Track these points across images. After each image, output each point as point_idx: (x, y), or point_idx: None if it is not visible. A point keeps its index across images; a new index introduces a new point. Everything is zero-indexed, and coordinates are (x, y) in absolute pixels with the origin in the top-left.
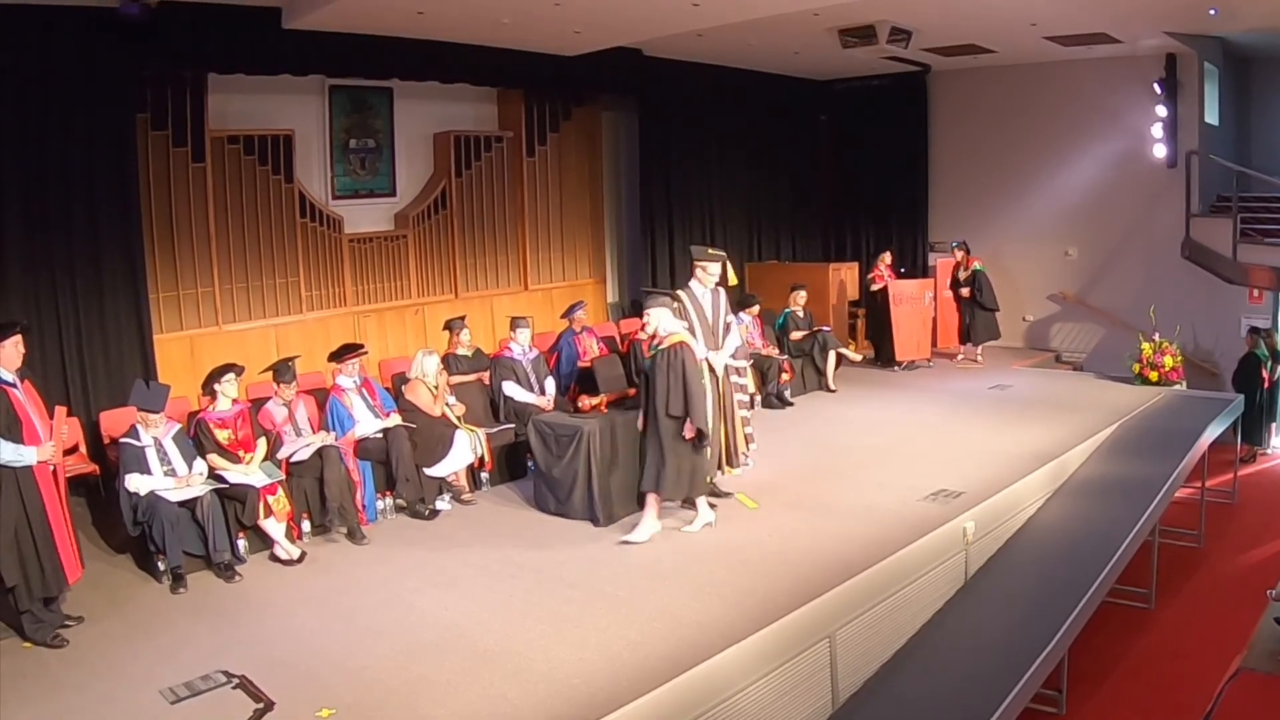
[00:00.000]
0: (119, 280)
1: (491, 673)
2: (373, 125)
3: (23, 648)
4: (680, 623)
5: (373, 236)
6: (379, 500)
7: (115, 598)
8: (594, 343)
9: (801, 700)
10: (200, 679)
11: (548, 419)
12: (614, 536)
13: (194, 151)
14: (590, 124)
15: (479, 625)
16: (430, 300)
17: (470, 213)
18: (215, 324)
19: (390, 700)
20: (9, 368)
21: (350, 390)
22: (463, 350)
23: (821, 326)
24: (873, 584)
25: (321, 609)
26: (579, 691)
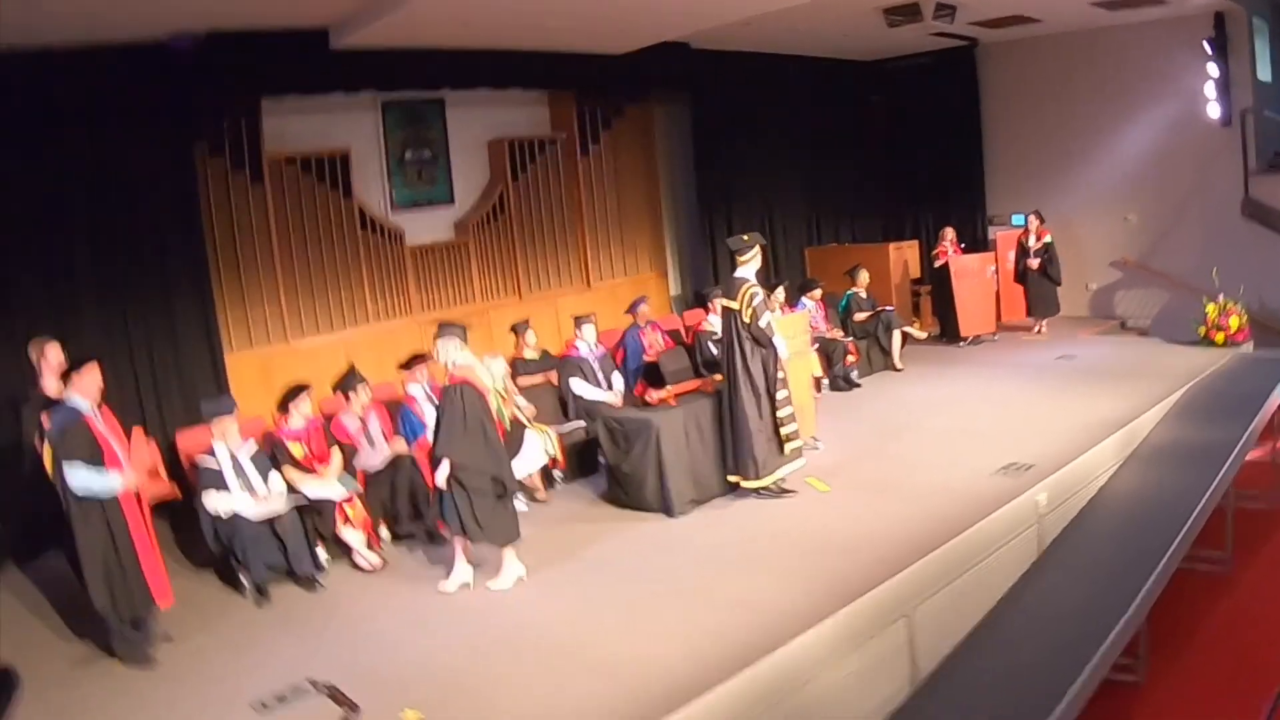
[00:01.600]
0: (188, 303)
1: (572, 668)
2: (427, 136)
3: (114, 668)
4: (757, 609)
5: (434, 245)
6: None
7: (201, 614)
8: (658, 336)
9: (881, 680)
10: (288, 688)
11: (616, 414)
12: (687, 527)
13: (253, 174)
14: (643, 120)
15: (558, 621)
16: (494, 304)
17: (529, 215)
18: (285, 340)
19: (473, 700)
20: (89, 397)
21: (421, 398)
22: (529, 352)
23: (885, 307)
24: (948, 561)
25: (403, 613)
26: (659, 683)
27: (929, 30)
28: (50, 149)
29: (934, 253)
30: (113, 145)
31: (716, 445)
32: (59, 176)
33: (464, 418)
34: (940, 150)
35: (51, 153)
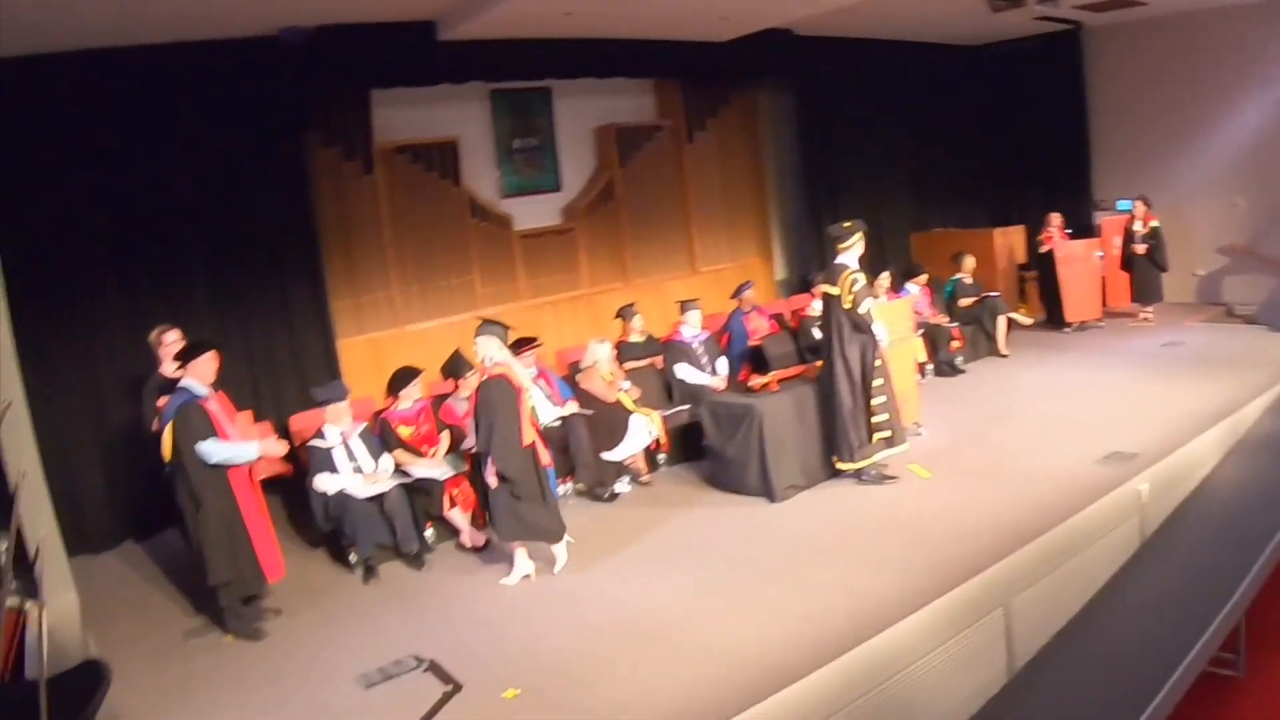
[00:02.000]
0: (301, 290)
1: (672, 651)
2: (535, 124)
3: (224, 640)
4: (855, 595)
5: (542, 231)
6: (560, 485)
7: (310, 590)
8: (763, 321)
9: (978, 669)
10: (392, 664)
11: (720, 399)
12: (788, 512)
13: (364, 164)
14: (748, 107)
15: (659, 604)
16: (601, 289)
17: (635, 201)
18: (395, 326)
19: (573, 681)
20: (203, 382)
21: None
22: (635, 337)
23: (990, 292)
24: (1048, 550)
25: (508, 592)
26: (758, 666)
27: (1033, 15)
28: (166, 142)
29: (1039, 238)
30: (227, 138)
31: (818, 430)
32: (175, 168)
33: (499, 413)
34: (1045, 135)
35: (167, 145)
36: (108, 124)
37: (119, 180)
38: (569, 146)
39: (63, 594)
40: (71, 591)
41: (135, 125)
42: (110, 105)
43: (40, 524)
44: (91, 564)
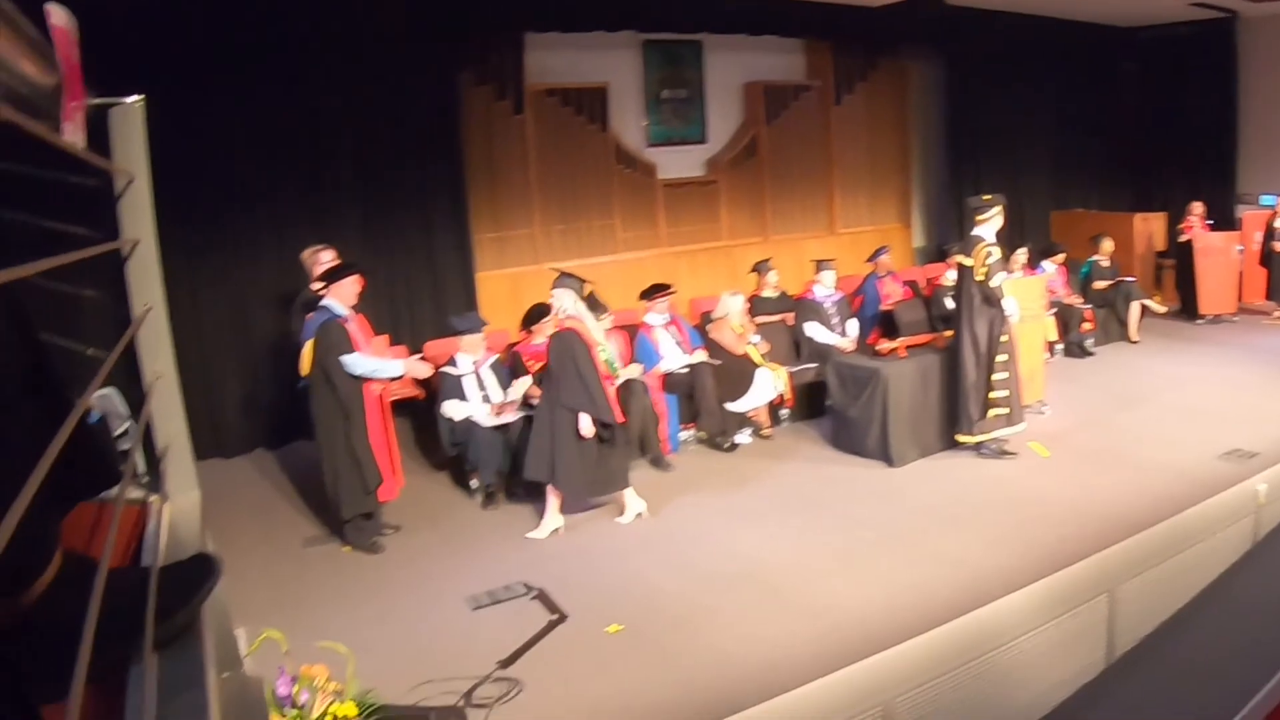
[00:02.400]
0: (446, 222)
1: (776, 604)
2: (685, 76)
3: (342, 551)
4: (962, 567)
5: (685, 181)
6: (682, 432)
7: (430, 511)
8: (897, 287)
9: (1075, 653)
10: (502, 589)
11: (848, 360)
12: (904, 478)
13: (515, 104)
14: (897, 73)
15: (768, 557)
16: (739, 243)
17: (779, 159)
18: (534, 262)
19: (676, 624)
20: (345, 303)
21: (659, 327)
22: (769, 291)
23: (1126, 277)
24: (1159, 541)
25: (621, 531)
26: (860, 627)
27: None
28: (324, 71)
29: (1180, 227)
30: (383, 71)
31: (941, 400)
32: (331, 98)
33: (580, 363)
34: (1193, 123)
35: (325, 75)
36: (271, 52)
37: (276, 106)
38: (717, 100)
39: (186, 492)
40: (195, 491)
41: (296, 54)
42: (274, 34)
43: (171, 424)
44: (222, 467)
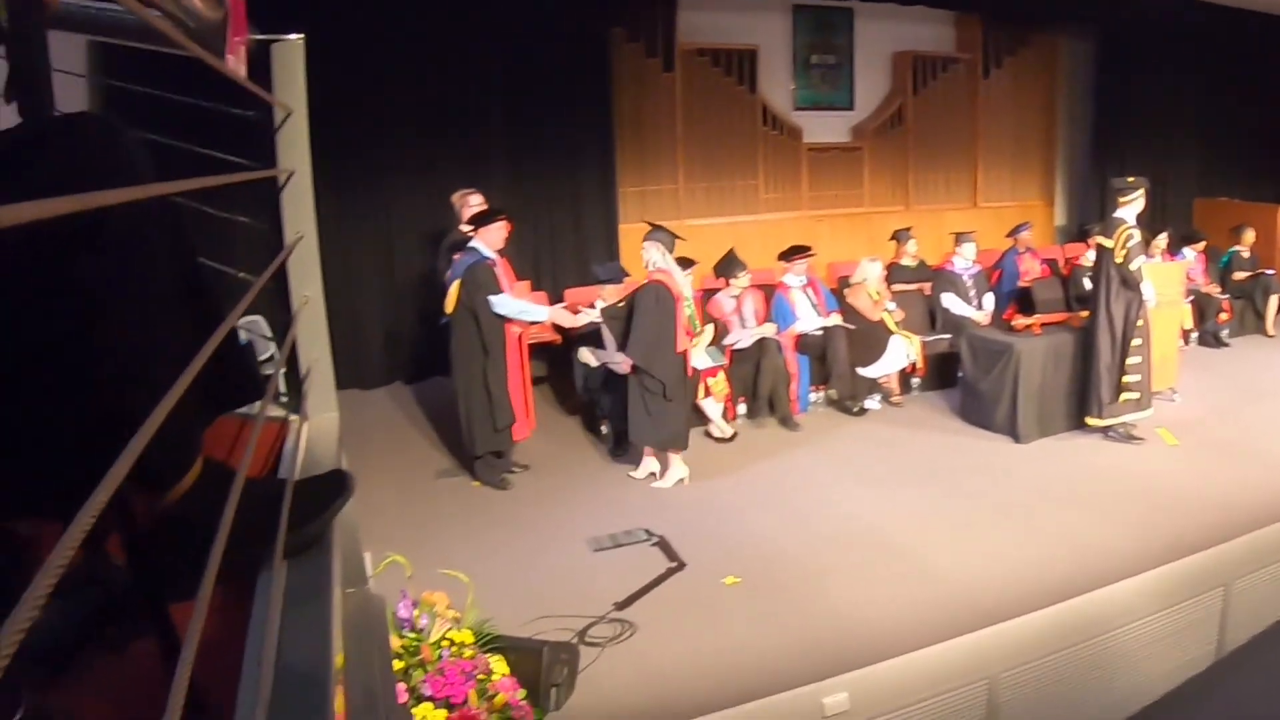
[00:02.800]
0: (591, 173)
1: (895, 569)
2: (834, 43)
3: (472, 485)
4: (1081, 548)
5: (830, 147)
6: (812, 393)
7: (560, 453)
8: (1036, 264)
9: (1184, 645)
10: (623, 533)
11: (982, 334)
12: (1029, 455)
13: (665, 62)
14: (1047, 50)
15: (890, 522)
16: (880, 210)
17: (924, 129)
18: (677, 218)
19: (794, 581)
20: (492, 246)
21: (796, 288)
22: (907, 260)
23: (1267, 270)
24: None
25: (744, 487)
26: (972, 600)
27: None
28: (478, 17)
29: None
30: (538, 21)
31: (1072, 380)
32: (485, 47)
33: (657, 319)
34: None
35: (480, 25)
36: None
37: (432, 51)
38: (865, 68)
39: (325, 413)
40: (334, 413)
41: (452, 3)
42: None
43: (314, 347)
44: (361, 397)
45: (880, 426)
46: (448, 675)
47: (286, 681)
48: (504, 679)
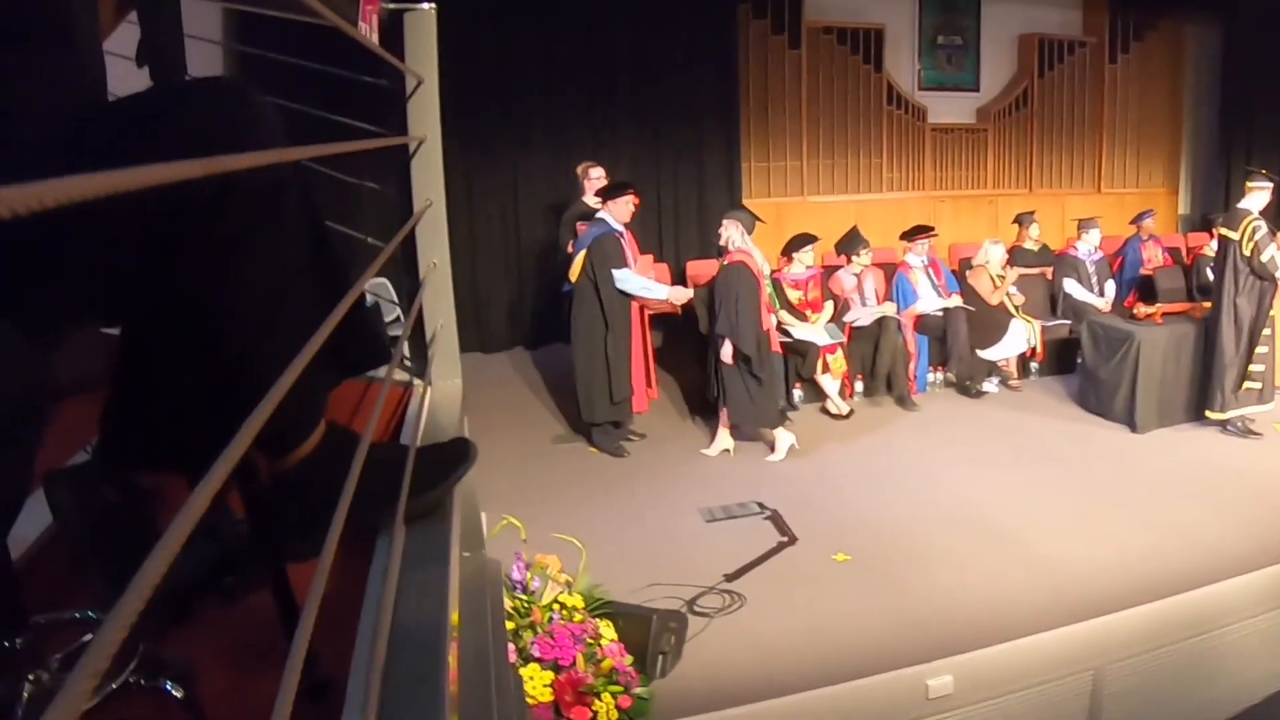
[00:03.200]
0: (716, 148)
1: (1004, 554)
2: (960, 24)
3: (589, 452)
4: (1194, 542)
5: (954, 127)
6: (930, 373)
7: (677, 424)
8: (1159, 252)
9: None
10: (737, 505)
11: (1103, 320)
12: (1146, 445)
13: (791, 39)
14: (1174, 35)
15: (1002, 507)
16: (1004, 193)
17: (1049, 113)
18: (800, 194)
19: (903, 560)
20: (620, 220)
21: (917, 268)
22: (1029, 244)
23: None
24: None
25: (859, 464)
26: (1082, 588)
27: None
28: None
29: None
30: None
31: (1192, 371)
32: (612, 20)
33: (737, 297)
34: None
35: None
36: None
37: (560, 22)
38: (991, 49)
39: (449, 379)
40: (457, 379)
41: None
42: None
43: (440, 313)
44: (481, 361)
45: (997, 410)
46: (557, 638)
47: (402, 643)
48: (612, 644)
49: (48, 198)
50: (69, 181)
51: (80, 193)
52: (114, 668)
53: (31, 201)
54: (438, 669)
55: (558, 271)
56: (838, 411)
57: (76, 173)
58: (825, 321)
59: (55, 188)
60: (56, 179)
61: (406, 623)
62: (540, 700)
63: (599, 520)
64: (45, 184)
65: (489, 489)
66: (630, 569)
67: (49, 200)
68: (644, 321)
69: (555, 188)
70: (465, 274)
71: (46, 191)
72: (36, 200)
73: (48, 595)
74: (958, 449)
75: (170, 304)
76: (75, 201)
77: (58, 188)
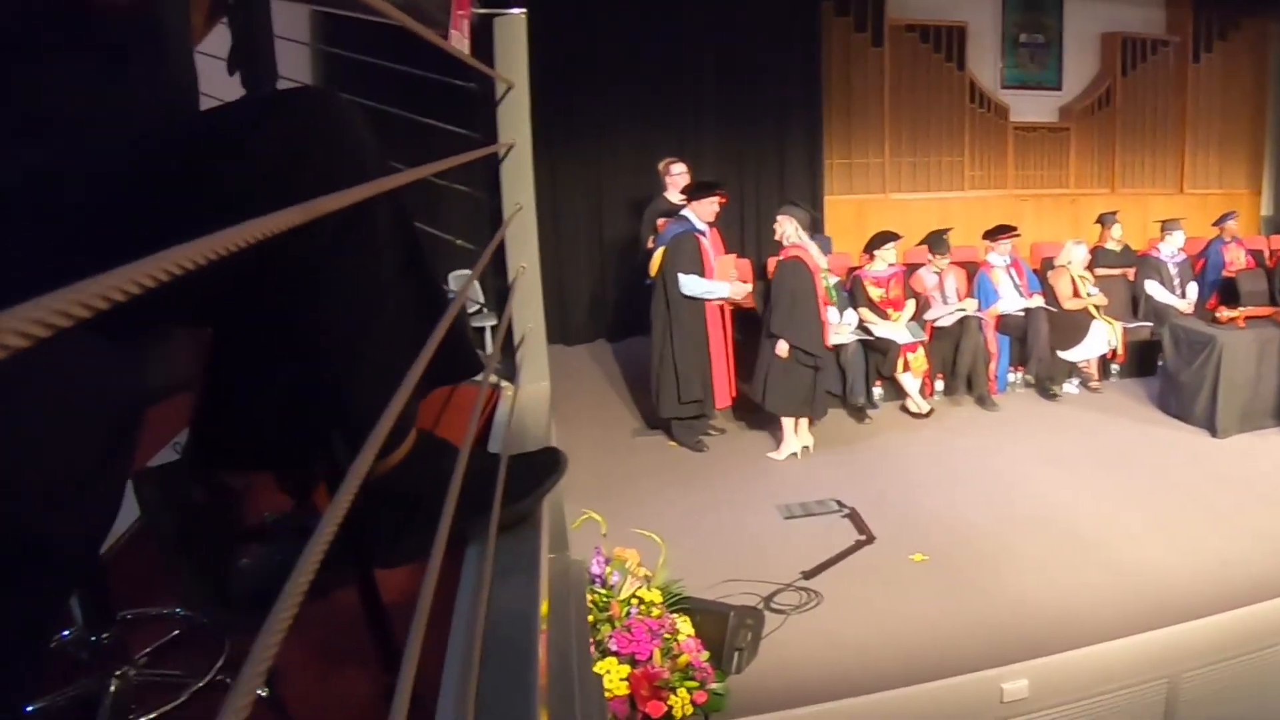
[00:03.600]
0: (799, 145)
1: (1081, 556)
2: (1043, 22)
3: (668, 446)
4: (1274, 549)
5: (1036, 126)
6: (1010, 373)
7: (757, 420)
8: (1241, 254)
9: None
10: (815, 502)
11: (1185, 323)
12: (1227, 450)
13: (873, 37)
14: (1259, 34)
15: (1079, 509)
16: (1086, 192)
17: (1132, 112)
18: (882, 192)
19: (980, 561)
20: (703, 218)
21: (999, 268)
22: (1111, 245)
23: None
24: None
25: (938, 463)
26: (1160, 593)
27: None
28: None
29: None
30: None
31: (1275, 377)
32: (696, 19)
33: (793, 292)
34: None
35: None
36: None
37: (645, 21)
38: (1073, 48)
39: (538, 382)
40: (546, 381)
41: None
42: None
43: (529, 316)
44: (564, 353)
45: (1077, 411)
46: (634, 633)
47: (493, 651)
48: (689, 640)
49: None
50: (240, 229)
51: (237, 240)
52: (202, 666)
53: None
54: (529, 672)
55: (640, 265)
56: (918, 410)
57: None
58: (906, 319)
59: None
60: (232, 229)
61: (499, 628)
62: (616, 694)
63: (678, 514)
64: (219, 235)
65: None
66: (708, 564)
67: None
68: (725, 320)
69: (640, 183)
70: (550, 267)
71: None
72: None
73: (134, 591)
74: (1037, 450)
75: (263, 310)
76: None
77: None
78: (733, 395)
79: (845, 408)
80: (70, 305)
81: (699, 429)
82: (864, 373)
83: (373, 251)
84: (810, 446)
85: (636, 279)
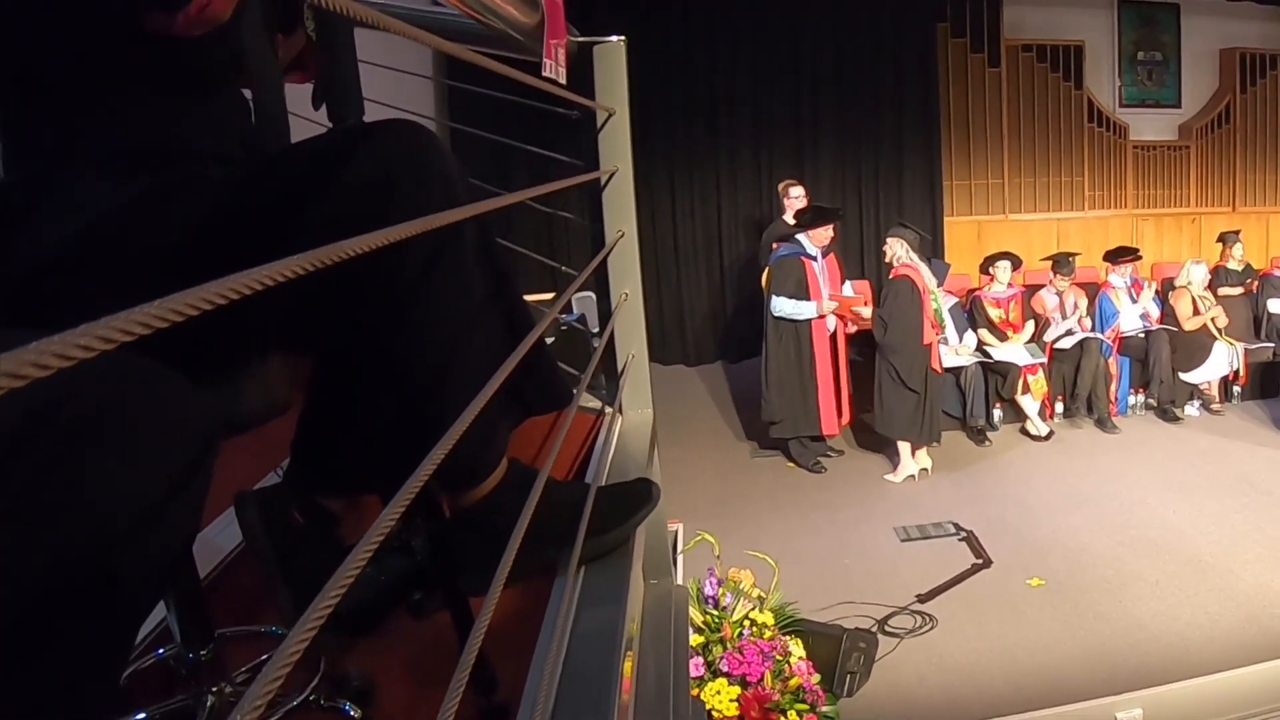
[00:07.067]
0: (917, 165)
1: (1199, 583)
2: (1160, 39)
3: (786, 467)
4: None
5: (1156, 145)
6: (1131, 395)
7: (876, 441)
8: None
9: None
10: (932, 525)
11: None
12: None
13: (990, 57)
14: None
15: (1199, 534)
16: (1207, 211)
17: (1253, 129)
18: (1002, 213)
19: (1098, 586)
20: (817, 244)
21: (1120, 289)
22: (1233, 264)
23: None
24: None
25: (1057, 487)
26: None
27: None
28: (809, 12)
29: None
30: (864, 17)
31: None
32: (814, 37)
33: (899, 314)
34: None
35: (809, 15)
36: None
37: (761, 47)
38: (1192, 65)
39: (640, 409)
40: (648, 409)
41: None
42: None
43: (632, 342)
44: (685, 374)
45: (1198, 434)
46: (746, 654)
47: (571, 677)
48: (800, 662)
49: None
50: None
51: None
52: (297, 684)
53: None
54: (607, 697)
55: (759, 287)
56: (1037, 433)
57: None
58: (1026, 341)
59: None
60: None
61: (579, 655)
62: (726, 715)
63: (793, 535)
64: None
65: (686, 500)
66: (822, 585)
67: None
68: (838, 342)
69: (758, 204)
70: (670, 288)
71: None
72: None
73: (237, 610)
74: (1157, 474)
75: (358, 336)
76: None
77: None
78: (846, 420)
79: (965, 430)
80: (149, 318)
81: (817, 450)
82: (984, 395)
83: (460, 278)
84: (929, 469)
85: (756, 300)
